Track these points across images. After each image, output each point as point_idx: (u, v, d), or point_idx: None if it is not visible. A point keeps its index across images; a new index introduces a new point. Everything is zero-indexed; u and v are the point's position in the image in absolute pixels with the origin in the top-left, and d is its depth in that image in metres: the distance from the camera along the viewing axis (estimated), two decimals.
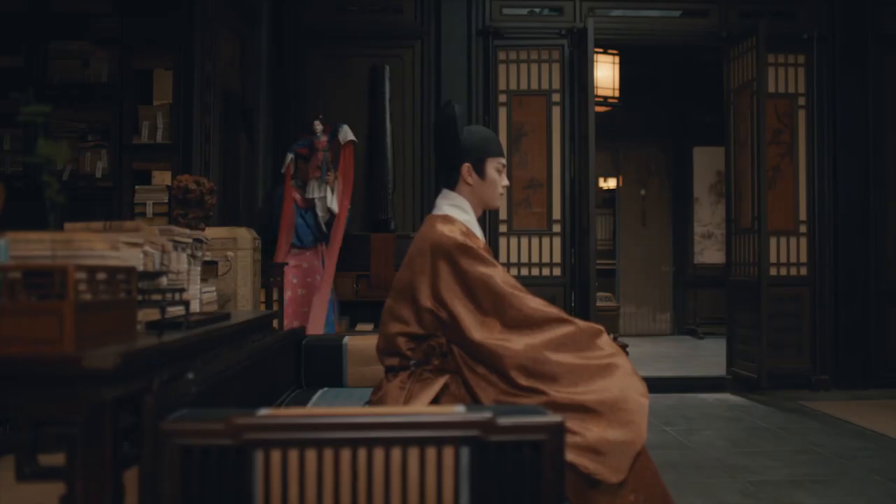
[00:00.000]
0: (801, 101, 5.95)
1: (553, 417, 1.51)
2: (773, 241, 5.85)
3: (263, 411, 1.53)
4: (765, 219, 5.44)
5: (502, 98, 5.78)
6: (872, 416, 4.84)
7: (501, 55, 5.79)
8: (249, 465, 1.45)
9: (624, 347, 6.89)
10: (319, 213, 5.14)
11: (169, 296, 2.06)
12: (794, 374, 5.85)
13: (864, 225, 5.91)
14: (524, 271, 5.75)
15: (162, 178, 4.32)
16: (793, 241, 5.92)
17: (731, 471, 3.67)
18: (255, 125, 5.52)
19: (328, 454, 1.46)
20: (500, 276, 2.31)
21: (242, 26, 5.38)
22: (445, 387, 2.32)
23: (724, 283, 6.32)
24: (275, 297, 4.34)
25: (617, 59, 7.61)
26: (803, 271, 5.93)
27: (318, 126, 5.21)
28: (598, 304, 7.31)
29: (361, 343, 3.23)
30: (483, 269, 2.30)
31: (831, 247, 5.92)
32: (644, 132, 9.76)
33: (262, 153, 5.60)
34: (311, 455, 1.45)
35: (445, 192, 2.51)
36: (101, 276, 1.66)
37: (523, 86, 5.78)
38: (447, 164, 2.49)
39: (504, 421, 1.48)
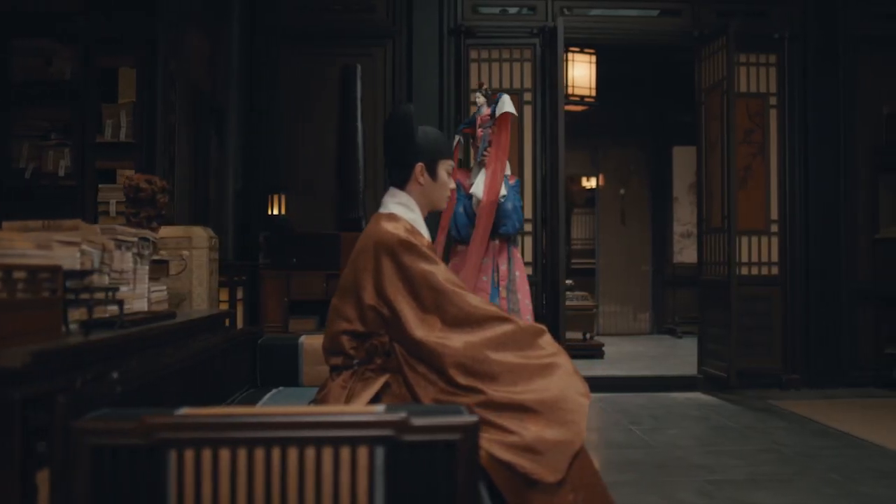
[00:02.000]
0: (773, 100, 5.96)
1: (467, 417, 1.50)
2: (744, 240, 5.87)
3: (181, 410, 1.52)
4: (734, 218, 5.45)
5: (474, 97, 5.76)
6: (839, 415, 4.85)
7: (473, 54, 5.78)
8: (162, 465, 1.44)
9: (600, 347, 6.86)
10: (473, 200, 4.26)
11: (100, 295, 2.04)
12: (765, 374, 5.87)
13: (835, 225, 5.93)
14: None
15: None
16: (764, 240, 5.93)
17: (691, 470, 3.67)
18: (225, 124, 5.50)
19: (242, 453, 1.45)
20: (442, 273, 2.31)
21: (213, 25, 5.36)
22: (387, 386, 2.31)
23: None
24: (240, 296, 4.32)
25: (594, 58, 7.62)
26: (775, 271, 5.95)
27: (480, 98, 4.38)
28: (574, 303, 7.32)
29: (318, 342, 3.21)
30: (425, 266, 2.29)
31: (803, 246, 5.95)
32: (624, 131, 9.78)
33: (232, 151, 5.58)
34: (224, 454, 1.45)
35: (393, 190, 2.51)
36: (20, 275, 1.65)
37: (495, 85, 5.76)
38: (399, 162, 2.49)
39: (417, 421, 1.47)
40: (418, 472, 1.48)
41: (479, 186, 4.15)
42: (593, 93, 7.65)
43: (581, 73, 7.50)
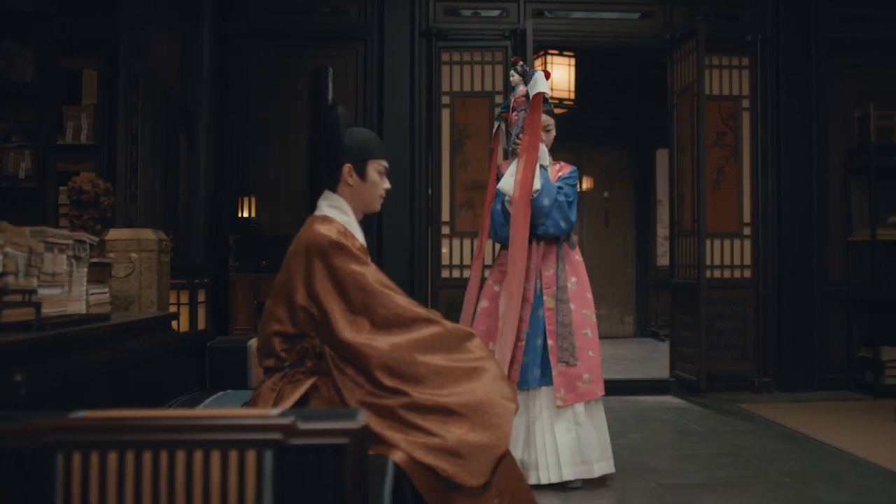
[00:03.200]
0: (746, 103, 5.96)
1: (356, 422, 1.49)
2: (717, 243, 5.86)
3: (78, 413, 1.51)
4: (704, 221, 5.44)
5: (445, 99, 5.77)
6: (806, 419, 4.84)
7: (445, 56, 5.78)
8: (50, 469, 1.43)
9: None
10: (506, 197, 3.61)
11: (16, 297, 2.03)
12: (737, 377, 5.86)
13: (808, 227, 5.92)
14: (466, 273, 5.71)
15: (88, 179, 4.28)
16: (737, 243, 5.92)
17: (646, 473, 3.66)
18: (196, 126, 5.48)
19: (129, 457, 1.44)
20: (372, 274, 2.30)
21: (183, 26, 5.36)
22: (316, 388, 2.30)
23: None
24: (201, 298, 4.30)
25: (573, 60, 7.61)
26: (747, 273, 5.94)
27: (514, 76, 3.68)
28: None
29: None
30: (355, 267, 2.29)
31: (776, 249, 5.93)
32: (607, 134, 9.77)
33: (204, 154, 5.57)
34: (112, 458, 1.43)
35: (326, 193, 2.52)
36: None
37: (466, 87, 5.77)
38: (328, 163, 2.50)
39: (304, 425, 1.46)
40: (307, 476, 1.47)
41: (506, 180, 3.54)
42: (572, 95, 7.65)
43: (560, 75, 7.48)
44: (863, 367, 5.78)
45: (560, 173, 3.75)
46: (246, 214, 5.59)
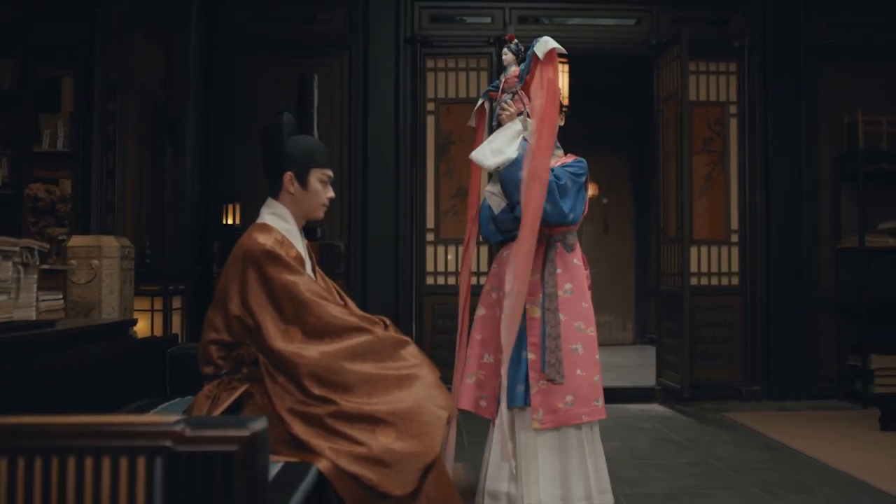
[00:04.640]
0: (733, 109, 5.91)
1: (247, 430, 1.48)
2: (704, 250, 5.81)
3: None
4: (688, 228, 5.41)
5: (430, 106, 5.78)
6: (789, 428, 4.78)
7: (430, 63, 5.79)
8: None
9: None
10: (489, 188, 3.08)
11: None
12: (725, 385, 5.80)
13: (797, 234, 5.86)
14: (451, 280, 5.71)
15: (65, 186, 4.33)
16: (724, 250, 5.87)
17: (612, 483, 3.61)
18: (181, 133, 5.51)
19: (21, 463, 1.44)
20: (304, 283, 2.30)
21: (168, 34, 5.39)
22: (250, 396, 2.30)
23: None
24: (176, 305, 4.32)
25: (566, 66, 7.58)
26: (735, 281, 5.88)
27: (507, 55, 3.09)
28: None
29: None
30: (288, 277, 2.29)
31: (764, 256, 5.87)
32: (605, 139, 9.72)
33: (190, 161, 5.59)
34: (2, 464, 1.44)
35: (269, 200, 2.53)
36: None
37: (451, 94, 5.77)
38: (271, 171, 2.52)
39: (193, 432, 1.45)
40: (196, 484, 1.46)
41: (481, 148, 3.03)
42: (566, 101, 7.60)
43: None
44: (852, 375, 5.71)
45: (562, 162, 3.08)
46: (231, 221, 5.60)
